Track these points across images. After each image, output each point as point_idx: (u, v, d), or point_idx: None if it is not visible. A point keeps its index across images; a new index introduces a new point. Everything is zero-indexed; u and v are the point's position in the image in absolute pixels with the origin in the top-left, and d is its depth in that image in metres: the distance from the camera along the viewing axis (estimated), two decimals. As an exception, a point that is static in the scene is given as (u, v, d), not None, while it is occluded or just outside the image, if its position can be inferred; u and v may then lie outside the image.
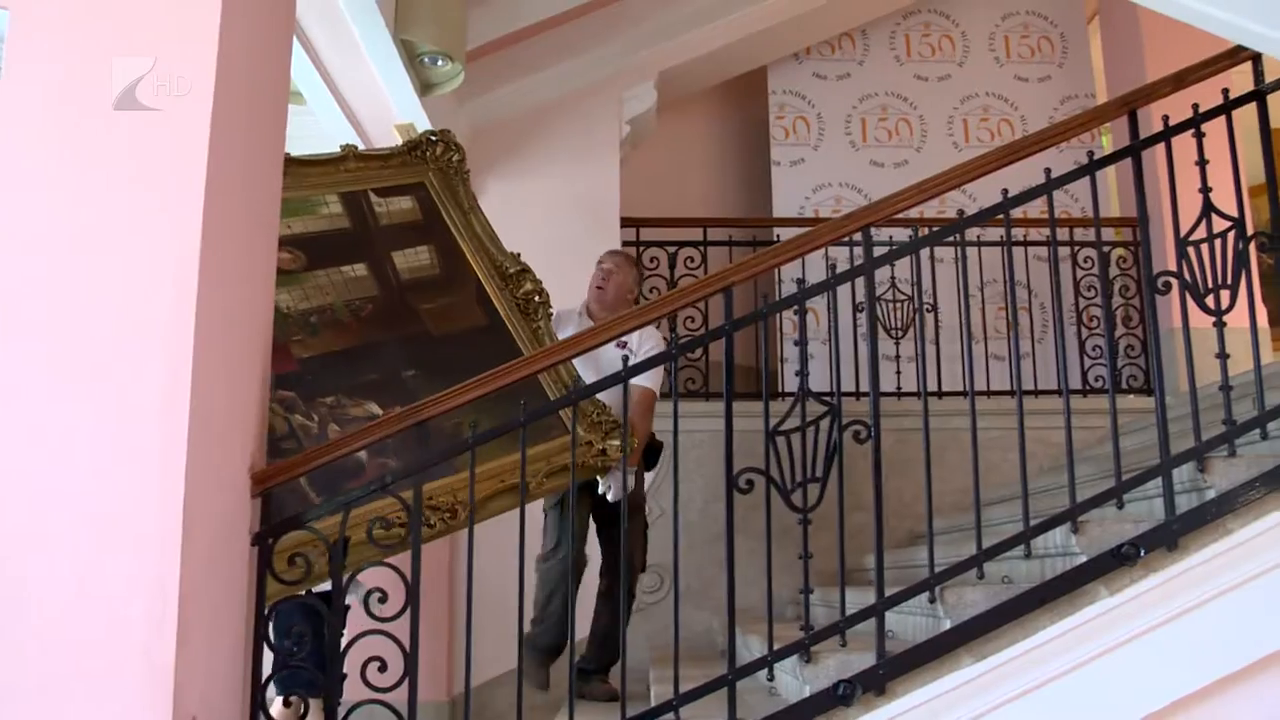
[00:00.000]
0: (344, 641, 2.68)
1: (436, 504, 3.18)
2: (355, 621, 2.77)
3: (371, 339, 3.75)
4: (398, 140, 4.63)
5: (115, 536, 2.29)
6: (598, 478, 3.88)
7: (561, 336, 4.08)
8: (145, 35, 2.47)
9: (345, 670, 2.66)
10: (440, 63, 4.67)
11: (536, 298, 4.08)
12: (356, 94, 4.78)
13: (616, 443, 3.52)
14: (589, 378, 3.74)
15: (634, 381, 3.41)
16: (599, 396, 3.35)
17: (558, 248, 5.64)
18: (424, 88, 4.77)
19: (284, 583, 2.64)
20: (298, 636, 2.67)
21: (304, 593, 2.78)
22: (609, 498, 4.01)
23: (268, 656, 2.69)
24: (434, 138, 4.28)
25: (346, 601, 2.77)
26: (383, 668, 2.63)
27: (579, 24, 5.80)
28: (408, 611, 2.68)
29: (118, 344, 2.35)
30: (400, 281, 4.01)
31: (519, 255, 4.16)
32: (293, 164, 3.87)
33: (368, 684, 2.60)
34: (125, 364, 2.36)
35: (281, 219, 3.53)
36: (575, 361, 3.54)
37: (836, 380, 2.88)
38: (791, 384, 5.80)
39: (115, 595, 2.28)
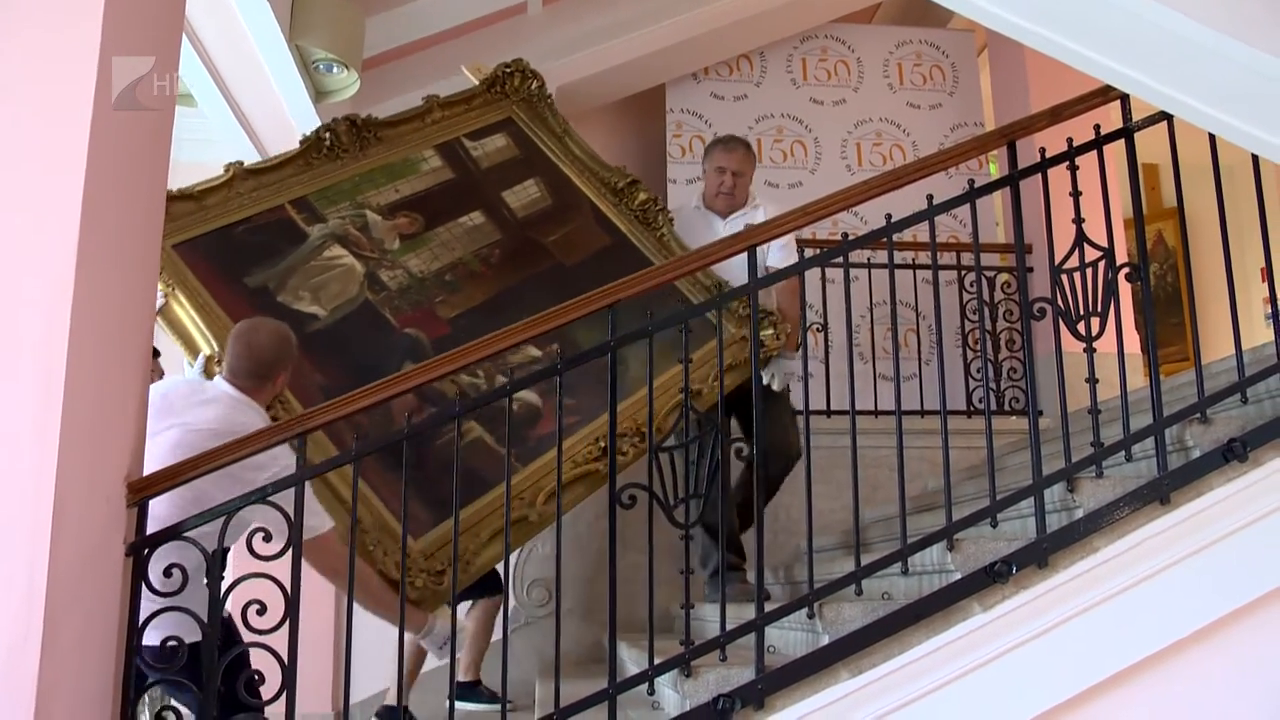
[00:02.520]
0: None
1: (623, 431, 3.28)
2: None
3: (509, 283, 3.82)
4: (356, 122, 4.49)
5: (-21, 546, 2.23)
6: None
7: (688, 238, 4.09)
8: (19, 34, 2.41)
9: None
10: (335, 70, 4.63)
11: (653, 206, 4.13)
12: (249, 97, 4.71)
13: (771, 331, 3.56)
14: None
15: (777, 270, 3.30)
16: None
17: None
18: (318, 94, 4.72)
19: (159, 594, 2.58)
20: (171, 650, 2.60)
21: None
22: (774, 387, 3.98)
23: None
24: (508, 69, 4.25)
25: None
26: (261, 680, 2.60)
27: (477, 36, 5.79)
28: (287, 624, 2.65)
29: (-14, 354, 2.29)
30: (518, 220, 4.06)
31: (624, 167, 4.11)
32: (382, 126, 4.04)
33: (247, 696, 2.56)
34: (-4, 370, 2.30)
35: (388, 182, 3.79)
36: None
37: (720, 399, 2.91)
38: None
39: (-24, 606, 2.21)
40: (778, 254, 4.05)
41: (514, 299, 3.73)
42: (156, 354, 3.14)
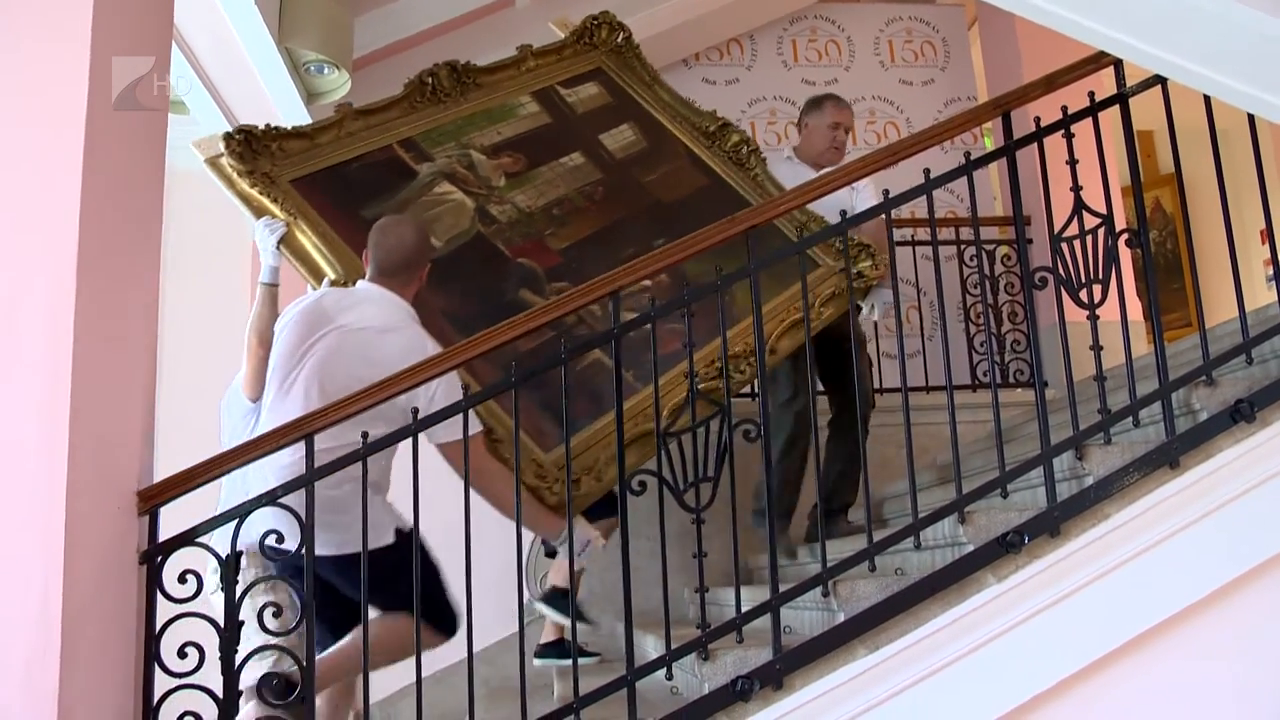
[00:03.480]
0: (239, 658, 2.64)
1: (737, 352, 3.50)
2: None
3: (614, 218, 3.99)
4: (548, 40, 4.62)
5: (-7, 562, 2.24)
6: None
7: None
8: (8, 39, 2.41)
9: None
10: (326, 71, 4.62)
11: (745, 147, 4.23)
12: (241, 102, 4.71)
13: (869, 263, 3.65)
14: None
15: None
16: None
17: (452, 255, 5.62)
18: (310, 96, 4.72)
19: (175, 600, 2.59)
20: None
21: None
22: (874, 317, 4.08)
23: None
24: (596, 21, 4.37)
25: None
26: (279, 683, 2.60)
27: (466, 32, 5.76)
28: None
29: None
30: (617, 160, 4.20)
31: (715, 111, 4.25)
32: (480, 73, 4.21)
33: (265, 701, 2.57)
34: (1, 384, 2.30)
35: (489, 125, 4.01)
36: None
37: (726, 381, 2.92)
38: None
39: (-6, 624, 2.22)
40: (867, 195, 4.16)
41: (620, 233, 3.94)
42: (274, 285, 3.39)
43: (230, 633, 2.59)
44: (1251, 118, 2.98)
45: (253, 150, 3.62)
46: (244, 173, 3.57)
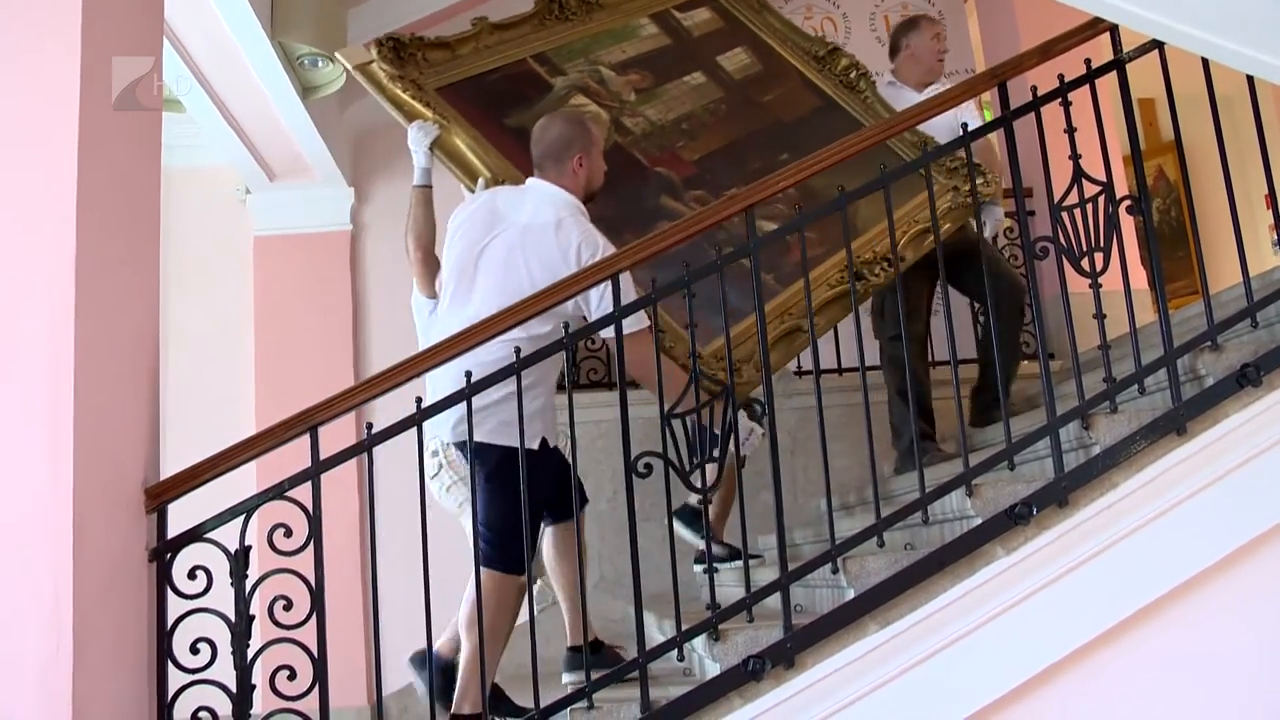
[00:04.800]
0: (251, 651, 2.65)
1: (869, 259, 3.62)
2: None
3: (739, 133, 4.15)
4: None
5: (3, 563, 2.24)
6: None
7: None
8: (2, 34, 2.41)
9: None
10: (320, 64, 4.61)
11: (854, 71, 4.38)
12: (237, 99, 4.70)
13: (981, 180, 3.69)
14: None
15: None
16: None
17: (453, 245, 5.62)
18: (305, 90, 4.71)
19: (185, 596, 2.60)
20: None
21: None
22: (986, 233, 4.12)
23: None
24: None
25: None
26: (292, 676, 2.61)
27: (459, 22, 5.74)
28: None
29: (-8, 367, 2.29)
30: (735, 81, 4.36)
31: (823, 36, 4.33)
32: None
33: (277, 693, 2.57)
34: (3, 386, 2.30)
35: (614, 44, 4.21)
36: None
37: (729, 361, 2.91)
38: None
39: (6, 623, 2.22)
40: (971, 115, 4.19)
41: (746, 148, 4.11)
42: (427, 187, 3.67)
43: (242, 627, 2.60)
44: (1251, 81, 2.96)
45: (400, 58, 3.77)
46: (395, 78, 3.72)
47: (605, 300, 3.01)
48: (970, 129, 3.13)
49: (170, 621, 2.63)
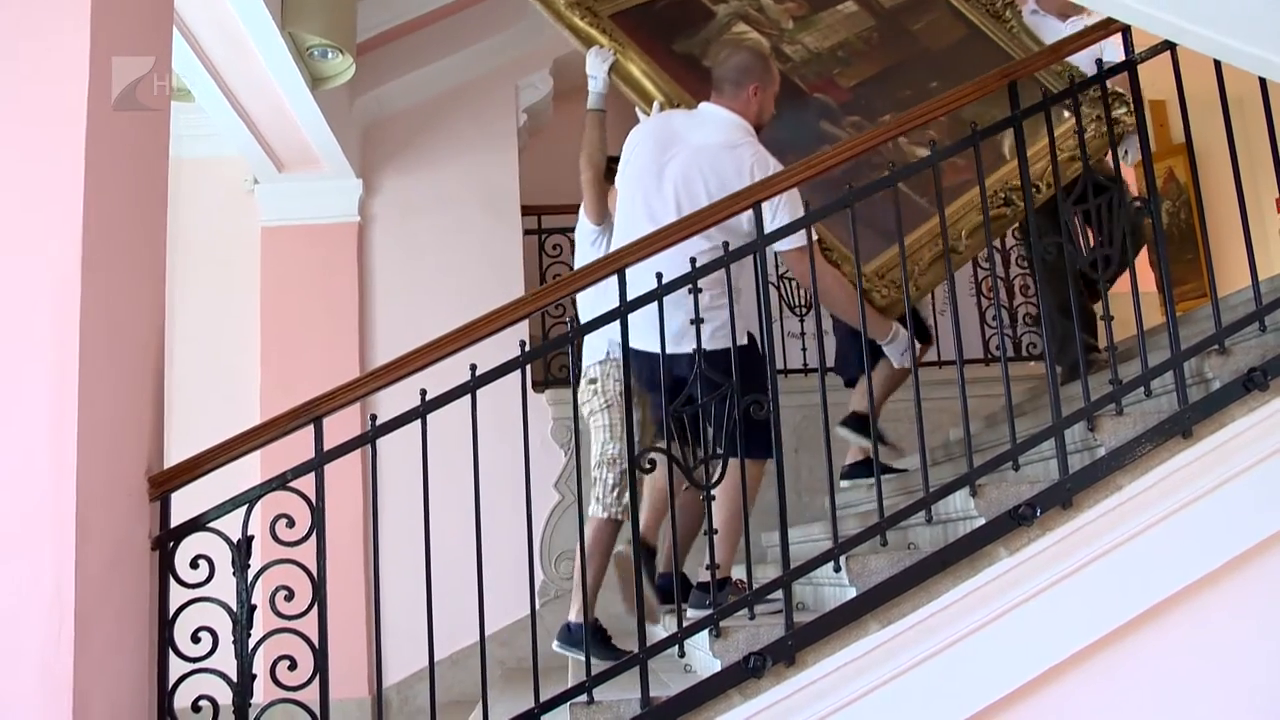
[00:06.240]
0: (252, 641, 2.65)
1: (1001, 187, 3.71)
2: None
3: (891, 61, 4.25)
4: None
5: (6, 549, 2.24)
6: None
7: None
8: (10, 27, 2.41)
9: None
10: (330, 55, 4.60)
11: (1000, 1, 4.40)
12: (246, 89, 4.69)
13: (1123, 109, 3.72)
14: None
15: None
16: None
17: (458, 239, 5.63)
18: (315, 81, 4.70)
19: (187, 585, 2.60)
20: None
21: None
22: (1127, 162, 4.14)
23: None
24: None
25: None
26: (293, 666, 2.61)
27: (471, 13, 5.75)
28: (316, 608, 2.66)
29: (-1, 355, 2.30)
30: (885, 9, 4.44)
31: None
32: None
33: (277, 683, 2.58)
34: (8, 374, 2.30)
35: None
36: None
37: (735, 358, 2.90)
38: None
39: (8, 610, 2.23)
40: (1115, 46, 4.06)
41: (898, 75, 4.21)
42: (601, 111, 3.90)
43: (243, 617, 2.61)
44: (1263, 83, 2.95)
45: None
46: (572, 5, 3.89)
47: (778, 215, 3.15)
48: (1107, 64, 3.22)
49: (172, 610, 2.63)
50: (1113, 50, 4.04)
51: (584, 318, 3.00)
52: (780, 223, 3.12)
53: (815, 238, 3.23)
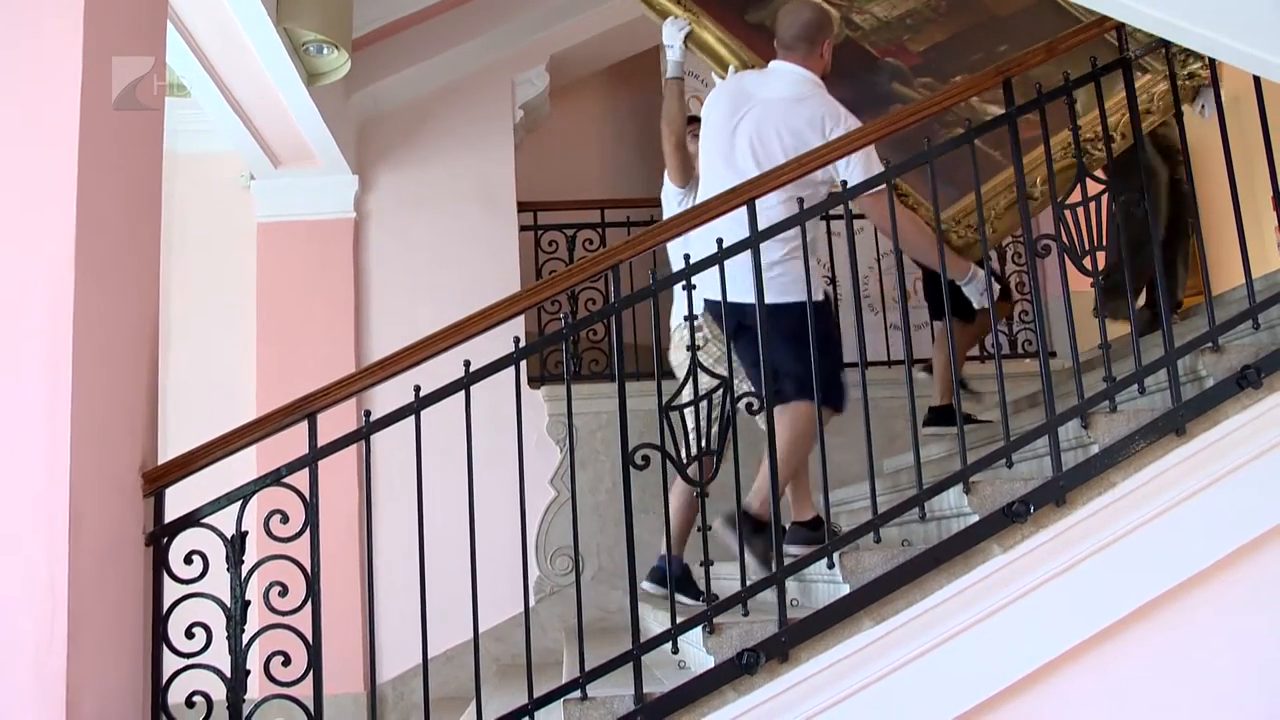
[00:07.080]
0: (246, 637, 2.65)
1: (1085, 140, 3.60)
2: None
3: (959, 27, 4.33)
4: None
5: (-1, 545, 2.25)
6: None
7: None
8: (2, 30, 2.41)
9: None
10: (325, 51, 4.60)
11: None
12: (242, 85, 4.69)
13: (1196, 65, 3.72)
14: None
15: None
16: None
17: (455, 235, 5.63)
18: (310, 77, 4.70)
19: (181, 581, 2.60)
20: None
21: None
22: (1204, 116, 4.05)
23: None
24: None
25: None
26: (287, 661, 2.61)
27: (467, 9, 5.75)
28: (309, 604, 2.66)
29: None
30: None
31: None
32: None
33: (271, 678, 2.58)
34: (1, 369, 2.30)
35: None
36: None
37: (729, 354, 2.91)
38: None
39: (1, 605, 2.23)
40: None
41: (967, 39, 4.30)
42: (680, 79, 4.02)
43: (238, 612, 2.61)
44: (1258, 81, 2.95)
45: None
46: None
47: (853, 166, 3.28)
48: None
49: (166, 606, 2.64)
50: None
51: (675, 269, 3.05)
52: (855, 170, 3.26)
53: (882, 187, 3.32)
